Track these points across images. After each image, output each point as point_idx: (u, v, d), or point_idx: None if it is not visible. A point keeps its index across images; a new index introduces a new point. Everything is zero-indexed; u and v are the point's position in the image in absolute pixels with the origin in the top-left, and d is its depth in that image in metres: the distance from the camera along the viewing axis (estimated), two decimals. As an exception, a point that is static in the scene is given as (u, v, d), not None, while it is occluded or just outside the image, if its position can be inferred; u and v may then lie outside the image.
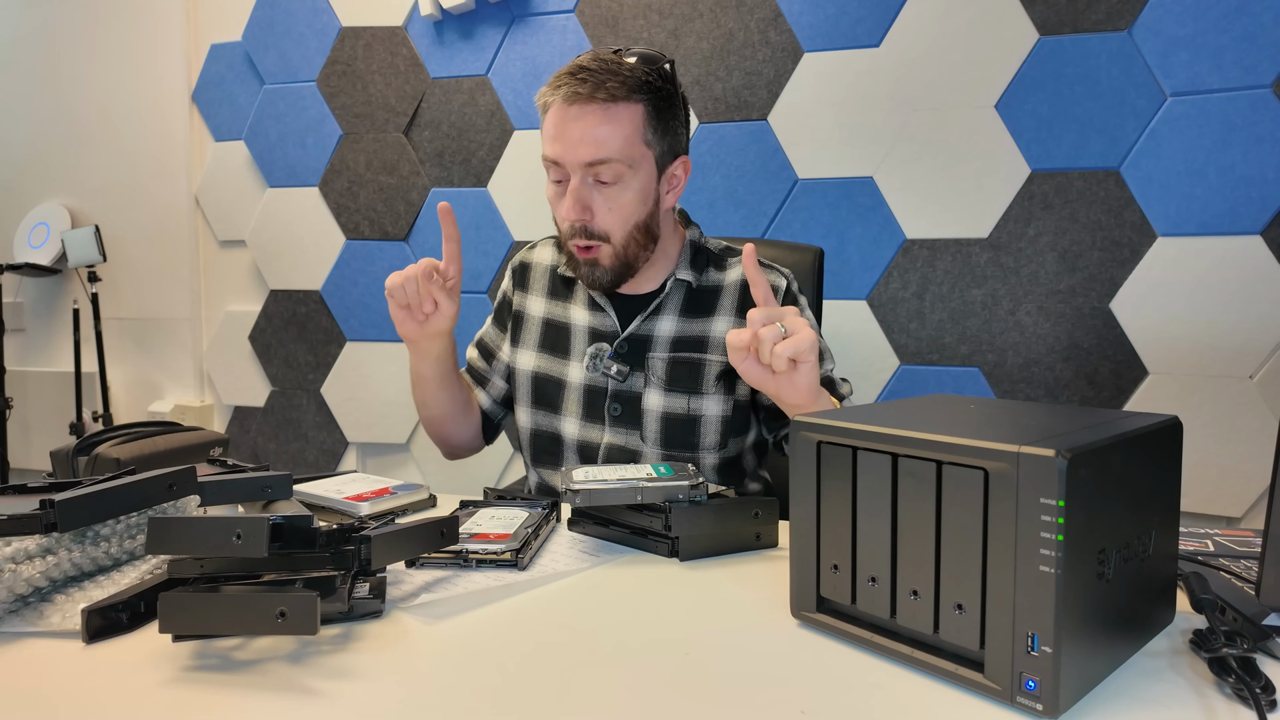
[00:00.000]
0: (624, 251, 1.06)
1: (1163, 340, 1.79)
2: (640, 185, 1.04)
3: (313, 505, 0.93)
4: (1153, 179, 1.77)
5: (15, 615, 0.64)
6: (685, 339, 1.12)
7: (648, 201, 1.06)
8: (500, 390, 1.25)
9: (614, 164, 1.01)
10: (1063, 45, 1.80)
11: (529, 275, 1.22)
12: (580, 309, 1.16)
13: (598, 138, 1.00)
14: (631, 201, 1.04)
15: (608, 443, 1.12)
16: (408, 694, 0.53)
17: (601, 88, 0.99)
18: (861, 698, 0.52)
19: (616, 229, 1.05)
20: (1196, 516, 1.77)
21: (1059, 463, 0.47)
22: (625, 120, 1.01)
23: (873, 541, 0.58)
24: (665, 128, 1.05)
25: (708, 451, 1.11)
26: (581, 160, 1.01)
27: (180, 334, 2.60)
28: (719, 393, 1.10)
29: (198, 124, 2.52)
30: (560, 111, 1.01)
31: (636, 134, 1.02)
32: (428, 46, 2.25)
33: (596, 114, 1.00)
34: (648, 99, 1.03)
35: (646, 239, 1.08)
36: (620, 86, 1.00)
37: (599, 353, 1.11)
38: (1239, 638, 0.55)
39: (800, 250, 1.39)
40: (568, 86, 1.00)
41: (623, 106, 1.01)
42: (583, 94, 0.99)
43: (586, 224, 1.04)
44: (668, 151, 1.07)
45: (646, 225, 1.07)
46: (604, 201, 1.03)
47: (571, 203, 1.03)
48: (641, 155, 1.03)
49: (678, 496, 0.80)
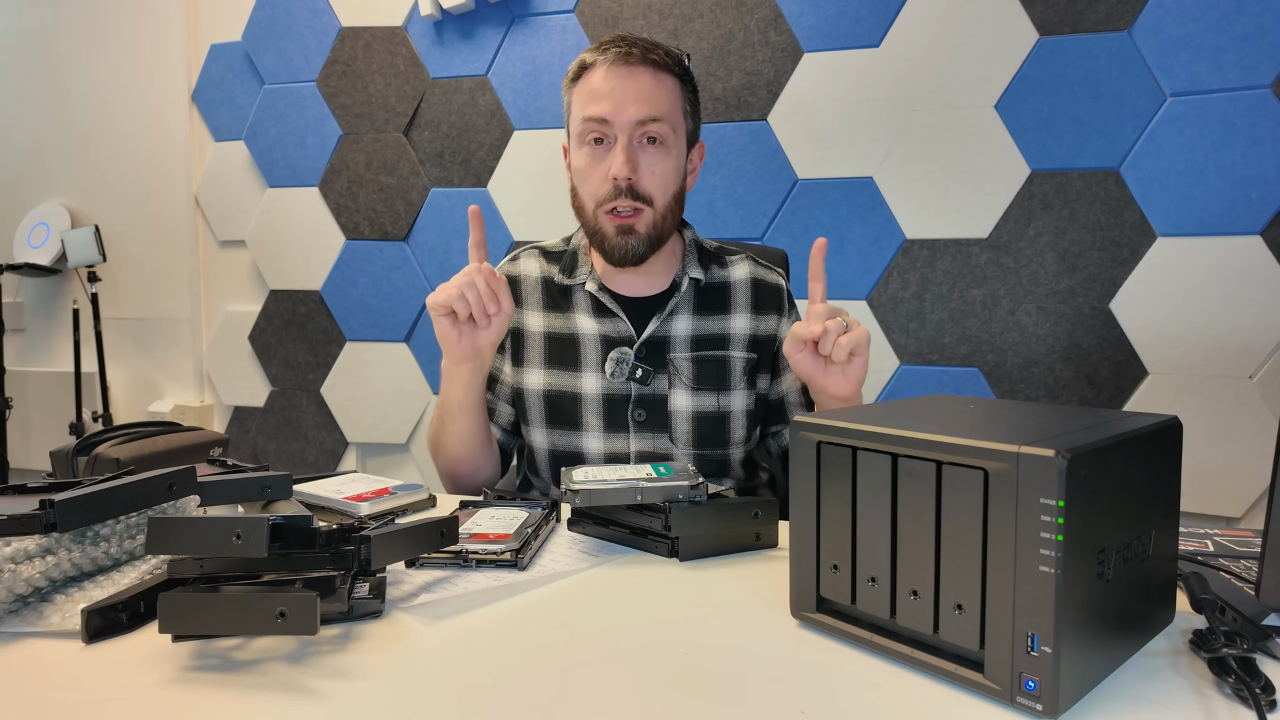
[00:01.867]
0: (661, 221, 1.07)
1: (1163, 340, 1.79)
2: (678, 154, 1.08)
3: (313, 505, 0.93)
4: (1153, 179, 1.77)
5: (15, 615, 0.64)
6: (705, 337, 1.11)
7: (680, 174, 1.09)
8: (508, 417, 1.18)
9: (663, 124, 1.04)
10: (1063, 45, 1.80)
11: (519, 290, 1.16)
12: (585, 317, 1.12)
13: (651, 96, 1.03)
14: (673, 168, 1.07)
15: (637, 450, 1.09)
16: (408, 694, 0.53)
17: (652, 52, 1.04)
18: (861, 698, 0.52)
19: (659, 194, 1.05)
20: (1196, 516, 1.77)
21: (1059, 463, 0.47)
22: (670, 88, 1.06)
23: (872, 541, 0.58)
24: (693, 109, 1.11)
25: (736, 446, 1.12)
26: (634, 117, 1.02)
27: (180, 334, 2.60)
28: (744, 388, 1.12)
29: (198, 124, 2.52)
30: (610, 72, 1.03)
31: (677, 104, 1.07)
32: (428, 46, 2.25)
33: (648, 75, 1.03)
34: (682, 78, 1.08)
35: (677, 215, 1.10)
36: (665, 57, 1.05)
37: (623, 358, 1.08)
38: (1239, 638, 0.55)
39: (767, 254, 1.40)
40: (618, 49, 1.03)
41: (666, 76, 1.05)
42: (635, 55, 1.03)
43: (634, 184, 1.03)
44: (694, 132, 1.12)
45: (679, 198, 1.10)
46: (649, 164, 1.04)
47: (624, 159, 1.02)
48: (680, 125, 1.07)
49: (677, 496, 0.80)
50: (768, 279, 1.16)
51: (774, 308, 1.15)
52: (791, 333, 0.95)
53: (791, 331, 0.95)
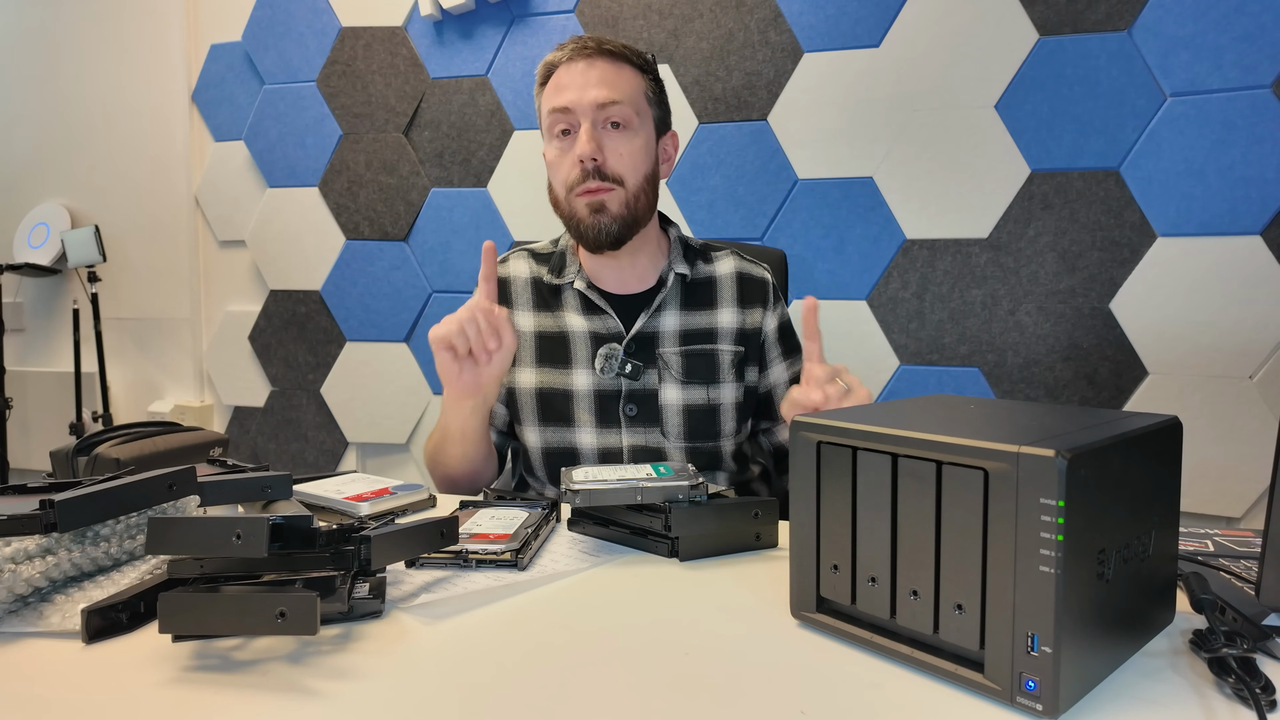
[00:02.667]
0: (634, 201, 1.08)
1: (1163, 340, 1.79)
2: (646, 137, 1.10)
3: (313, 505, 0.93)
4: (1153, 179, 1.77)
5: (15, 615, 0.64)
6: (693, 331, 1.13)
7: (650, 157, 1.11)
8: (503, 419, 1.19)
9: (624, 106, 1.06)
10: (1063, 45, 1.80)
11: (509, 291, 1.17)
12: (574, 315, 1.14)
13: (609, 80, 1.06)
14: (640, 149, 1.08)
15: (629, 445, 1.11)
16: (408, 694, 0.53)
17: (608, 44, 1.08)
18: (861, 698, 0.52)
19: (629, 174, 1.07)
20: (1196, 516, 1.77)
21: (1059, 463, 0.47)
22: (629, 75, 1.09)
23: (872, 542, 0.58)
24: (659, 99, 1.13)
25: (727, 439, 1.13)
26: (594, 101, 1.05)
27: (180, 334, 2.60)
28: (733, 380, 1.13)
29: (198, 124, 2.52)
30: (570, 66, 1.07)
31: (639, 90, 1.09)
32: (428, 46, 2.25)
33: (607, 65, 1.07)
34: (643, 72, 1.11)
35: (653, 195, 1.12)
36: (623, 50, 1.09)
37: (611, 354, 1.10)
38: (1239, 638, 0.55)
39: (764, 254, 1.40)
40: (575, 45, 1.07)
41: (626, 67, 1.09)
42: (591, 47, 1.07)
43: (600, 165, 1.05)
44: (662, 120, 1.14)
45: (652, 180, 1.11)
46: (614, 145, 1.07)
47: (585, 139, 1.05)
48: (644, 110, 1.10)
49: (677, 496, 0.80)
50: (753, 273, 1.18)
51: (759, 301, 1.17)
52: (790, 399, 0.94)
53: (790, 398, 0.94)
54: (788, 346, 1.19)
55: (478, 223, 2.24)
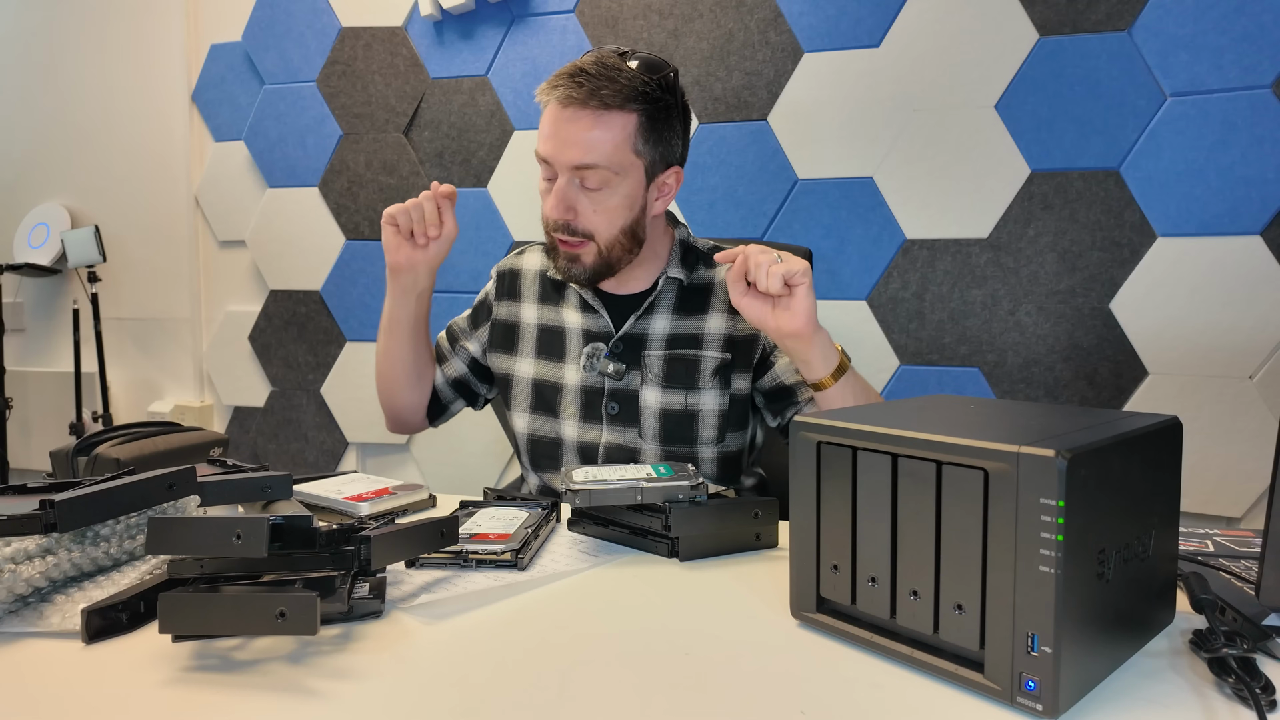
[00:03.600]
0: (608, 253, 1.07)
1: (1163, 340, 1.79)
2: (627, 192, 1.05)
3: (313, 505, 0.93)
4: (1153, 179, 1.77)
5: (15, 615, 0.64)
6: (680, 336, 1.12)
7: (634, 208, 1.07)
8: (457, 372, 1.25)
9: (600, 170, 1.02)
10: (1063, 45, 1.80)
11: (519, 282, 1.21)
12: (573, 311, 1.16)
13: (586, 143, 1.01)
14: (617, 206, 1.05)
15: (606, 441, 1.12)
16: (408, 694, 0.53)
17: (596, 95, 0.99)
18: (861, 698, 0.52)
19: (602, 229, 1.06)
20: (1196, 516, 1.77)
21: (1059, 463, 0.47)
22: (617, 128, 1.01)
23: (873, 541, 0.58)
24: (659, 137, 1.05)
25: (705, 445, 1.12)
26: (569, 162, 1.02)
27: (180, 334, 2.60)
28: (715, 387, 1.11)
29: (198, 124, 2.52)
30: (554, 112, 1.02)
31: (626, 142, 1.02)
32: (428, 47, 2.25)
33: (588, 120, 1.00)
34: (643, 109, 1.02)
35: (631, 243, 1.09)
36: (615, 95, 1.00)
37: (595, 352, 1.12)
38: (1239, 638, 0.55)
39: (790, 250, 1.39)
40: (563, 89, 1.00)
41: (615, 115, 1.01)
42: (577, 98, 1.00)
43: (569, 222, 1.05)
44: (659, 161, 1.07)
45: (632, 230, 1.08)
46: (589, 204, 1.05)
47: (555, 201, 1.04)
48: (630, 164, 1.04)
49: (677, 496, 0.80)
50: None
51: None
52: (727, 277, 0.96)
53: (726, 276, 0.97)
54: None
55: (478, 223, 2.24)
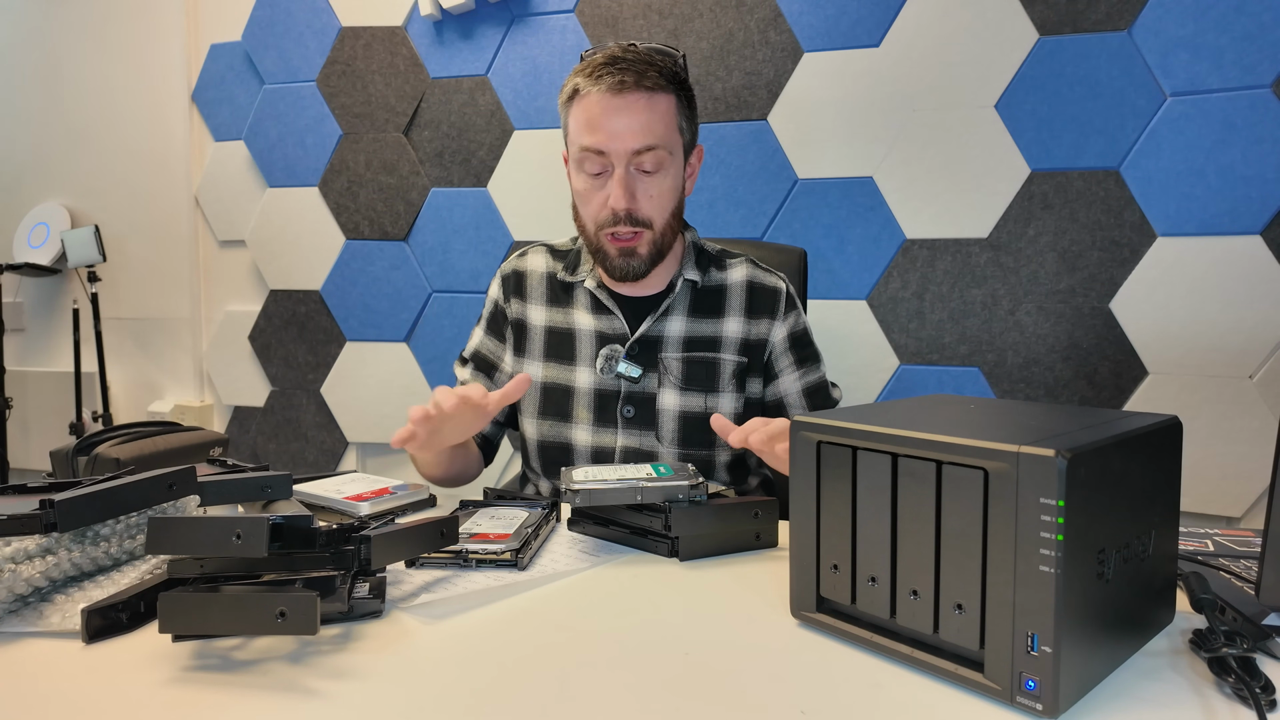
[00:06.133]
0: (661, 239, 1.09)
1: (1163, 340, 1.79)
2: (676, 172, 1.08)
3: (313, 505, 0.93)
4: (1153, 179, 1.77)
5: (15, 615, 0.64)
6: (698, 339, 1.12)
7: (679, 190, 1.11)
8: (502, 410, 1.19)
9: (658, 151, 1.04)
10: (1063, 45, 1.80)
11: (525, 284, 1.18)
12: (583, 314, 1.14)
13: (645, 125, 1.03)
14: (671, 188, 1.08)
15: (622, 446, 1.11)
16: (408, 694, 0.53)
17: (645, 77, 1.03)
18: (861, 698, 0.52)
19: (658, 215, 1.07)
20: (1196, 516, 1.77)
21: (1059, 463, 0.47)
22: (665, 109, 1.05)
23: (873, 541, 0.58)
24: (690, 116, 1.10)
25: (722, 448, 1.12)
26: (629, 148, 1.03)
27: (180, 334, 2.60)
28: (732, 390, 1.12)
29: (198, 124, 2.52)
30: (603, 100, 1.02)
31: (674, 122, 1.06)
32: (428, 46, 2.25)
33: (642, 102, 1.03)
34: (677, 90, 1.07)
35: (679, 226, 1.12)
36: (659, 76, 1.04)
37: (613, 354, 1.11)
38: (1239, 638, 0.55)
39: (785, 252, 1.40)
40: (611, 76, 1.02)
41: (661, 96, 1.05)
42: (628, 83, 1.02)
43: (633, 211, 1.05)
44: (692, 140, 1.12)
45: (678, 212, 1.11)
46: (646, 189, 1.06)
47: (621, 191, 1.04)
48: (677, 143, 1.08)
49: (678, 496, 0.80)
50: (765, 282, 1.17)
51: (767, 312, 1.15)
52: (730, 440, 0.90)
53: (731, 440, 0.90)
54: (800, 356, 1.16)
55: (478, 222, 2.24)
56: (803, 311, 1.20)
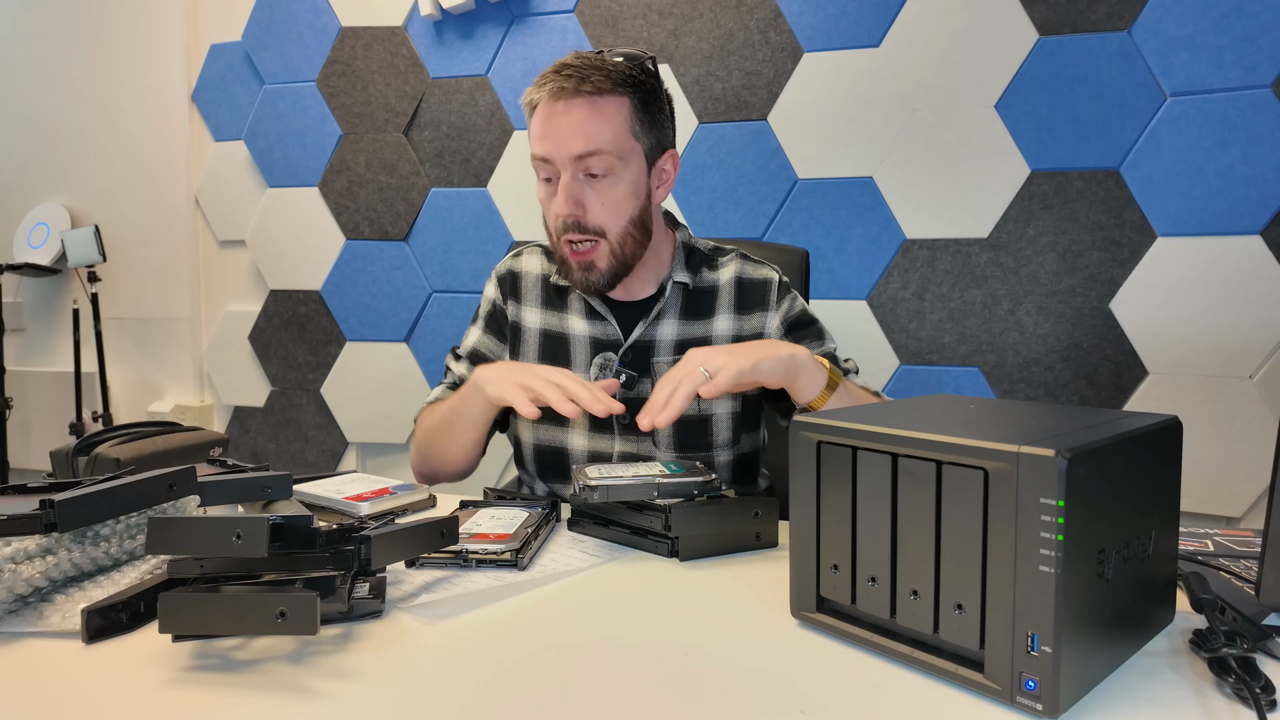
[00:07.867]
0: (620, 249, 1.05)
1: (1163, 340, 1.79)
2: (631, 178, 1.04)
3: (313, 505, 0.93)
4: (1153, 179, 1.77)
5: (15, 615, 0.64)
6: (689, 341, 1.11)
7: (639, 195, 1.06)
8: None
9: (604, 155, 1.00)
10: (1063, 45, 1.80)
11: (520, 285, 1.17)
12: (578, 319, 1.13)
13: (586, 130, 1.00)
14: (624, 195, 1.04)
15: (620, 451, 1.11)
16: (408, 694, 0.53)
17: (587, 81, 0.99)
18: (861, 698, 0.52)
19: (611, 224, 1.04)
20: (1196, 516, 1.77)
21: (1059, 463, 0.47)
22: (613, 113, 1.01)
23: (873, 541, 0.58)
24: (652, 121, 1.06)
25: (721, 449, 1.11)
26: (571, 153, 1.00)
27: (180, 334, 2.60)
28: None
29: (198, 124, 2.52)
30: (547, 108, 1.01)
31: (624, 126, 1.02)
32: (428, 46, 2.25)
33: (584, 107, 1.00)
34: (633, 93, 1.03)
35: (642, 235, 1.07)
36: (605, 80, 1.00)
37: (606, 363, 1.10)
38: (1239, 638, 0.55)
39: (788, 252, 1.39)
40: (553, 83, 1.00)
41: (609, 99, 1.01)
42: (569, 88, 0.99)
43: (579, 219, 1.02)
44: (656, 145, 1.07)
45: (640, 220, 1.06)
46: (596, 196, 1.03)
47: (563, 197, 1.02)
48: (631, 148, 1.03)
49: (693, 492, 0.80)
50: (754, 275, 1.14)
51: (759, 305, 1.13)
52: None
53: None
54: (800, 337, 1.13)
55: (478, 223, 2.24)
56: (800, 296, 1.17)
